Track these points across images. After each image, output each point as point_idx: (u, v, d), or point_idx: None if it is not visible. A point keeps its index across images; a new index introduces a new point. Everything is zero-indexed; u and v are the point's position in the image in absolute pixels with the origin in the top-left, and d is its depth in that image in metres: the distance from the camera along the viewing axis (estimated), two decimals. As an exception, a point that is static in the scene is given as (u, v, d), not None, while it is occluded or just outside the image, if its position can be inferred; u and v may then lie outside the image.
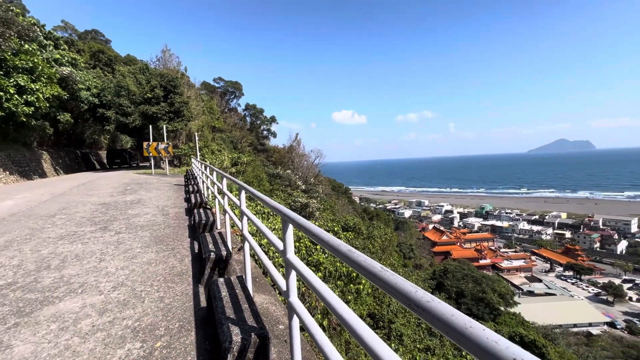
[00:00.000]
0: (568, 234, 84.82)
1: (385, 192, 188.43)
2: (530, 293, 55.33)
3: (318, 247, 7.34)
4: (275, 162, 40.26)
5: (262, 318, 2.43)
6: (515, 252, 75.91)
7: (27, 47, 17.59)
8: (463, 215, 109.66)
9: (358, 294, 7.72)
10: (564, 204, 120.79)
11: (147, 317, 3.04)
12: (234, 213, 5.31)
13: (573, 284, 61.48)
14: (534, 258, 72.45)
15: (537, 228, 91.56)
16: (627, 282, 60.04)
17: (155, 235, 5.95)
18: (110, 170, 25.59)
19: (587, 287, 59.93)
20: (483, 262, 63.77)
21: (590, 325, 45.81)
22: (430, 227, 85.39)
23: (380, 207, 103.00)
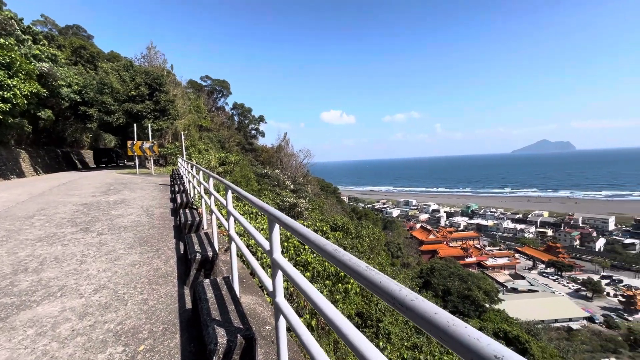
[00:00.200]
0: (550, 232, 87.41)
1: (374, 191, 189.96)
2: (514, 290, 56.79)
3: (307, 247, 7.33)
4: (264, 161, 40.01)
5: (248, 319, 2.40)
6: (500, 250, 77.74)
7: (3, 41, 16.91)
8: (449, 215, 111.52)
9: (346, 294, 7.74)
10: (546, 203, 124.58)
11: (130, 320, 2.96)
12: (221, 213, 5.24)
13: (554, 281, 63.41)
14: (518, 256, 74.34)
15: (520, 227, 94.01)
16: (604, 278, 62.38)
17: (140, 236, 5.81)
18: (93, 170, 24.92)
19: (567, 283, 61.91)
20: (469, 260, 65.07)
21: (571, 320, 47.39)
22: (418, 226, 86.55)
23: (369, 206, 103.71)
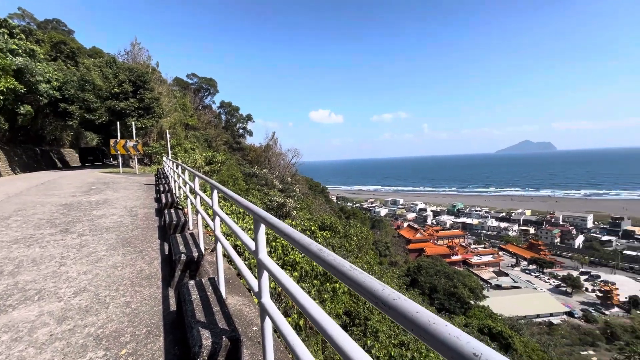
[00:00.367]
0: (532, 230, 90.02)
1: (362, 191, 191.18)
2: (498, 287, 58.25)
3: (294, 246, 7.29)
4: (252, 161, 39.68)
5: (234, 320, 2.37)
6: (485, 248, 79.52)
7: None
8: (436, 214, 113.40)
9: (334, 293, 7.76)
10: (529, 202, 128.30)
11: (111, 323, 2.89)
12: (207, 213, 5.17)
13: (536, 277, 65.34)
14: (502, 253, 76.26)
15: (504, 225, 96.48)
16: (583, 274, 64.66)
17: (123, 237, 5.67)
18: (74, 169, 24.17)
19: (548, 279, 63.89)
20: (454, 258, 66.34)
21: (552, 315, 48.95)
22: (405, 225, 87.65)
23: (357, 206, 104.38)
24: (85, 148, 32.85)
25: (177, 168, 8.74)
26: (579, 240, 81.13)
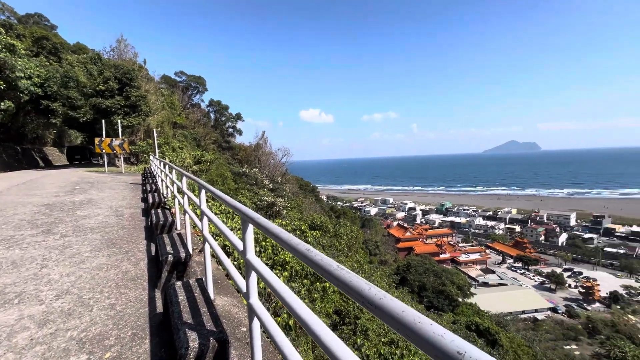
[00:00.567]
0: (518, 229, 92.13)
1: (352, 190, 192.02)
2: (485, 284, 59.40)
3: (284, 246, 7.26)
4: (241, 160, 39.36)
5: (222, 321, 2.34)
6: (472, 246, 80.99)
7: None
8: (425, 212, 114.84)
9: (324, 292, 7.76)
10: (514, 201, 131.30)
11: (95, 326, 2.81)
12: (195, 213, 5.09)
13: (522, 274, 66.92)
14: (489, 251, 77.76)
15: (491, 223, 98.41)
16: (566, 270, 66.58)
17: (107, 238, 5.54)
18: (58, 168, 23.50)
19: (533, 276, 65.50)
20: (443, 256, 67.30)
21: (536, 312, 50.24)
22: (395, 224, 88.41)
23: (347, 205, 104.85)
24: (73, 147, 32.29)
25: (164, 167, 8.59)
26: (563, 238, 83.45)
